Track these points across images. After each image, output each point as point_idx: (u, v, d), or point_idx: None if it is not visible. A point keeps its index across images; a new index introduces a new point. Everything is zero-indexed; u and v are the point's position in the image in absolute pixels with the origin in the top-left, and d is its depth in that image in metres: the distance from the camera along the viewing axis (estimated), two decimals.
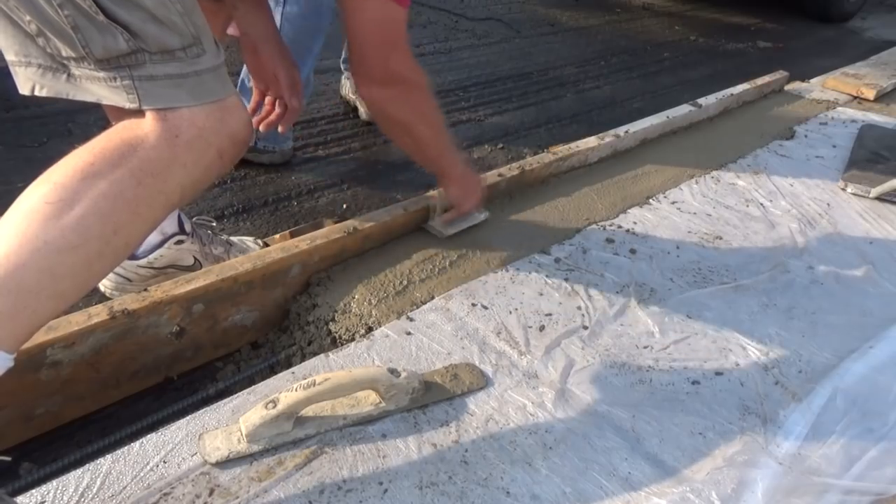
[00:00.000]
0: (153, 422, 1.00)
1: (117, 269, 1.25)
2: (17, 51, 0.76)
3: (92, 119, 1.89)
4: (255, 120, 1.29)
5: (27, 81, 0.78)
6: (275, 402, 0.87)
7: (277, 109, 1.29)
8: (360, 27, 1.05)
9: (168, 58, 0.76)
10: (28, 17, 0.72)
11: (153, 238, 1.26)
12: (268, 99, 1.29)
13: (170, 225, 1.27)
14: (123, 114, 0.79)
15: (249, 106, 1.29)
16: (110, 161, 0.75)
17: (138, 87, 0.75)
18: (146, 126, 0.77)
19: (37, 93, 0.78)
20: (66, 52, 0.74)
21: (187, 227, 1.30)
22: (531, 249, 1.37)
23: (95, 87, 0.76)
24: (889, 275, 1.43)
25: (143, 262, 1.25)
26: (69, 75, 0.76)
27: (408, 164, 2.02)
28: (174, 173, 0.79)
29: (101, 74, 0.75)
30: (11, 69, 0.77)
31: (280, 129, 1.33)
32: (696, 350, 1.15)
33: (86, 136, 0.79)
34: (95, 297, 1.28)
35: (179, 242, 1.28)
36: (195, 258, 1.30)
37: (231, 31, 1.50)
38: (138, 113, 0.77)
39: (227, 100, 0.82)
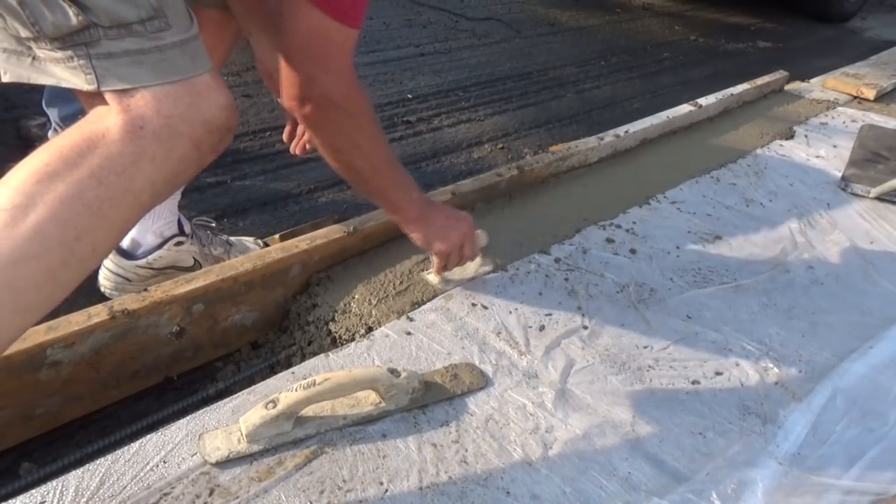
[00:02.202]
0: (153, 422, 1.00)
1: (116, 270, 1.25)
2: None
3: None
4: (291, 146, 1.26)
5: None
6: (275, 402, 0.87)
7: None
8: (289, 35, 0.93)
9: (124, 32, 0.69)
10: None
11: (152, 240, 1.26)
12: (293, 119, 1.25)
13: (169, 227, 1.27)
14: (93, 103, 0.74)
15: (286, 130, 1.24)
16: (68, 160, 0.69)
17: (95, 65, 0.69)
18: (109, 118, 0.71)
19: (4, 80, 0.73)
20: (23, 32, 0.68)
21: (186, 229, 1.30)
22: (531, 249, 1.37)
23: (57, 70, 0.71)
24: (889, 275, 1.43)
25: (142, 262, 1.25)
26: (34, 58, 0.71)
27: (408, 164, 2.02)
28: (141, 169, 0.71)
29: (60, 55, 0.69)
30: None
31: (299, 150, 1.29)
32: (696, 350, 1.15)
33: None
34: (95, 297, 1.28)
35: (179, 244, 1.28)
36: (195, 259, 1.30)
37: None
38: (103, 102, 0.72)
39: (199, 79, 0.74)
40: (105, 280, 1.26)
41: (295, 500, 0.82)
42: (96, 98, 0.72)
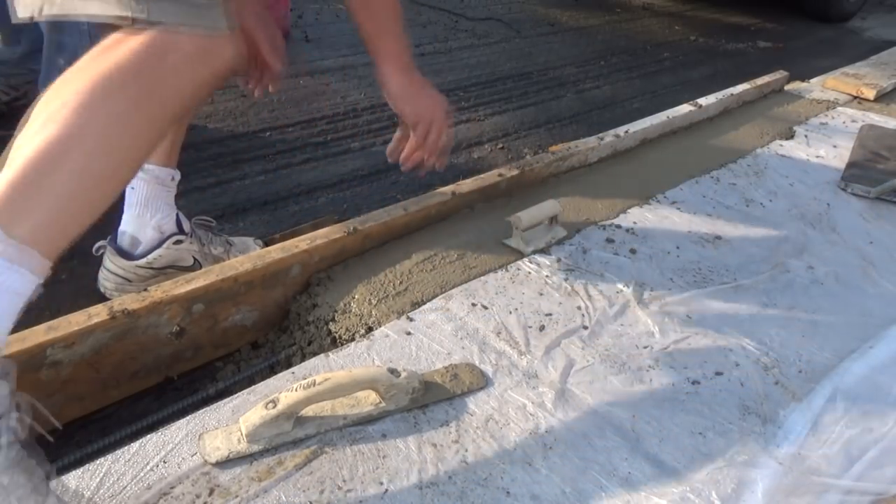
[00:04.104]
0: (153, 422, 1.00)
1: (116, 270, 1.25)
2: None
3: None
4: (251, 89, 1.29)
5: (27, 8, 0.78)
6: (275, 402, 0.87)
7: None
8: None
9: None
10: None
11: (151, 234, 1.26)
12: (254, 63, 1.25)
13: (167, 221, 1.27)
14: (132, 31, 0.83)
15: (250, 81, 1.27)
16: (121, 67, 0.80)
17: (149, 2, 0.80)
18: (149, 40, 0.82)
19: (37, 17, 0.78)
20: None
21: (186, 227, 1.30)
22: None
23: (105, 3, 0.80)
24: (889, 275, 1.43)
25: (141, 262, 1.25)
26: None
27: None
28: (174, 83, 0.84)
29: None
30: None
31: (258, 93, 1.30)
32: (696, 350, 1.15)
33: None
34: (95, 297, 1.28)
35: (178, 242, 1.28)
36: (194, 258, 1.31)
37: None
38: (140, 31, 0.81)
39: (225, 31, 0.86)
40: (105, 281, 1.26)
41: (295, 500, 0.82)
42: (135, 27, 0.81)
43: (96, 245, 1.27)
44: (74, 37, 1.54)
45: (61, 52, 1.55)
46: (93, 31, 1.54)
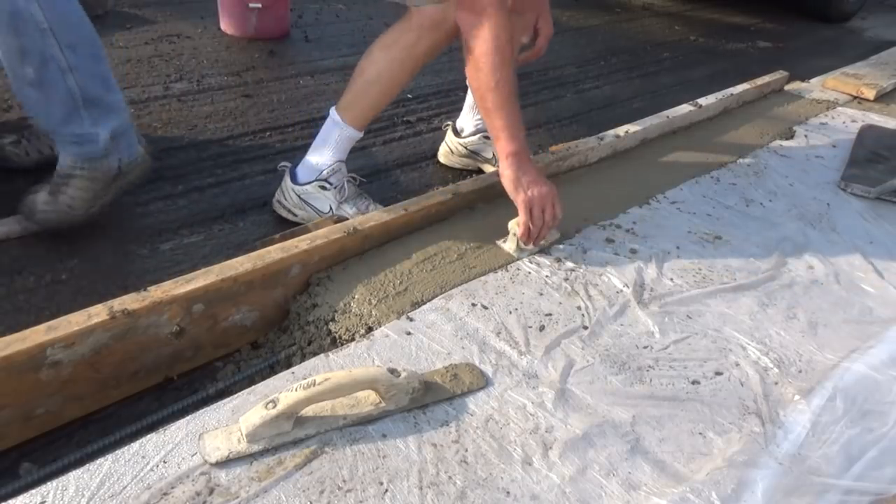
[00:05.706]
0: (153, 422, 1.00)
1: (283, 186, 1.62)
2: None
3: None
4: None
5: None
6: (275, 402, 0.87)
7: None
8: None
9: None
10: None
11: (313, 170, 1.59)
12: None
13: (325, 169, 1.57)
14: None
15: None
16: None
17: None
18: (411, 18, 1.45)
19: None
20: None
21: (335, 181, 1.58)
22: (531, 249, 1.37)
23: None
24: (889, 275, 1.43)
25: (297, 188, 1.59)
26: None
27: (408, 164, 2.03)
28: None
29: None
30: None
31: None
32: (696, 350, 1.15)
33: None
34: (95, 297, 1.28)
35: (323, 188, 1.58)
36: (330, 207, 1.58)
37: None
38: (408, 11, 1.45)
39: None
40: (277, 192, 1.64)
41: (295, 500, 0.82)
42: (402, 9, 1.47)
43: (281, 164, 1.66)
44: (36, 38, 1.38)
45: (26, 58, 1.40)
46: (55, 30, 1.44)
